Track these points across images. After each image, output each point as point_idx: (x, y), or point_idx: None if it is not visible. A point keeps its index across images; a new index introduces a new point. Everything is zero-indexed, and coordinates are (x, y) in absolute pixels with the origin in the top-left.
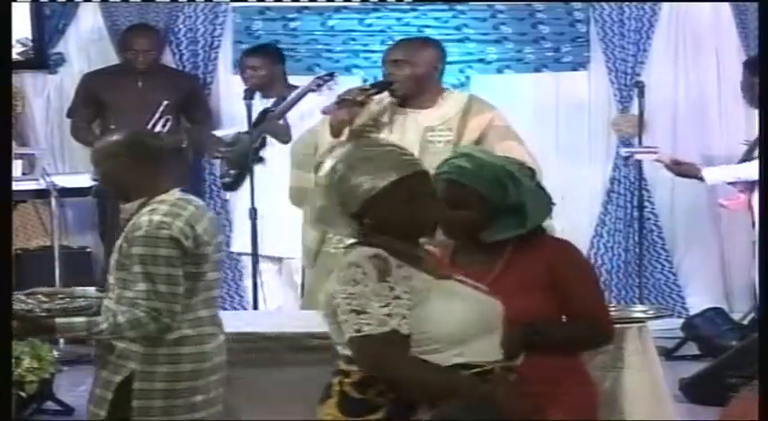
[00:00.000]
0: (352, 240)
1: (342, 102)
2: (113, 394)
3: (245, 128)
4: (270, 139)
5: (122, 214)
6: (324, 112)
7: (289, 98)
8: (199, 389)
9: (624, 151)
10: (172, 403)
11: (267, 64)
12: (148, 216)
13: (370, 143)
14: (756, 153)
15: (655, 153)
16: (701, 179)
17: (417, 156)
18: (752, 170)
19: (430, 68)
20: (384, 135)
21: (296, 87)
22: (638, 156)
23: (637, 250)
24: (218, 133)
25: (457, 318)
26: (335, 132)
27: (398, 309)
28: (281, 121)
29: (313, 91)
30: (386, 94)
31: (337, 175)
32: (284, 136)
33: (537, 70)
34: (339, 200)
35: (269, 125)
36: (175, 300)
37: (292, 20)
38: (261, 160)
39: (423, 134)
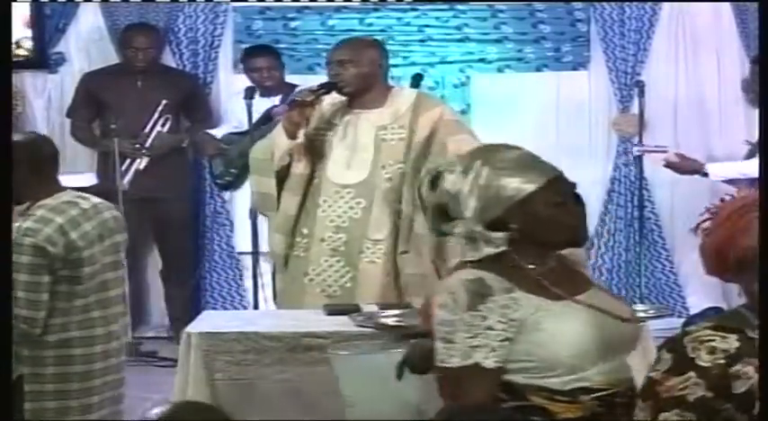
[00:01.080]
0: (486, 252)
1: (292, 103)
2: None
3: (243, 127)
4: None
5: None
6: (275, 114)
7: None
8: (94, 389)
9: (636, 150)
10: (65, 404)
11: (276, 64)
12: (21, 222)
13: (509, 147)
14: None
15: (665, 152)
16: (705, 174)
17: (372, 155)
18: (756, 167)
19: (374, 67)
20: (339, 136)
21: (295, 86)
22: (648, 155)
23: (637, 250)
24: (210, 132)
25: (569, 343)
26: (290, 134)
27: (487, 341)
28: None
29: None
30: (335, 95)
31: (481, 180)
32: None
33: (537, 70)
34: (479, 205)
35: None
36: (37, 307)
37: (292, 19)
38: None
39: (376, 133)
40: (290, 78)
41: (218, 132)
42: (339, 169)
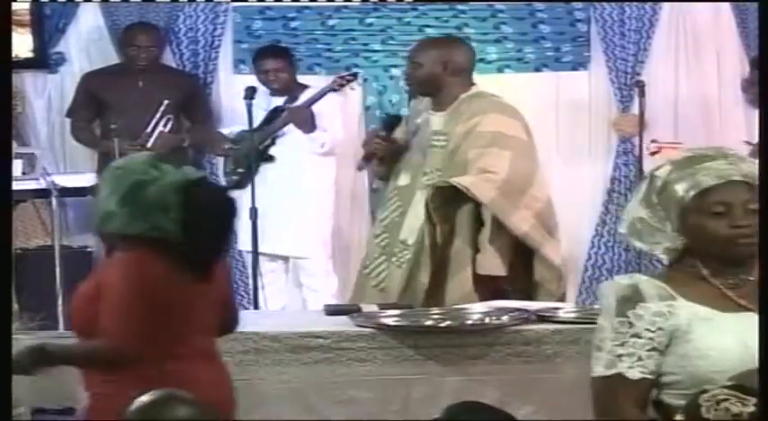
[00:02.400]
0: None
1: (368, 155)
2: None
3: (246, 127)
4: (278, 138)
5: None
6: (360, 169)
7: (311, 95)
8: None
9: (653, 146)
10: None
11: (287, 65)
12: None
13: (713, 149)
14: None
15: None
16: None
17: (421, 159)
18: None
19: (438, 68)
20: (415, 138)
21: (306, 86)
22: (664, 152)
23: (637, 250)
24: (222, 131)
25: (720, 358)
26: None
27: (633, 350)
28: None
29: (334, 91)
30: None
31: (660, 181)
32: (310, 125)
33: (537, 70)
34: (660, 211)
35: (295, 116)
36: None
37: (292, 19)
38: (271, 158)
39: (429, 137)
40: None
41: (230, 131)
42: (399, 171)
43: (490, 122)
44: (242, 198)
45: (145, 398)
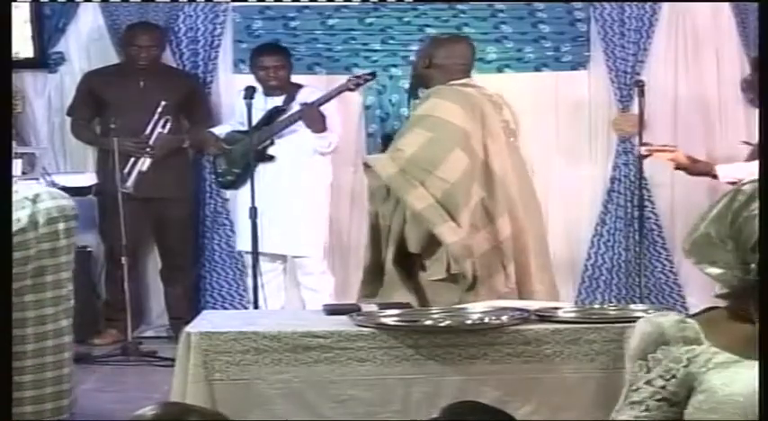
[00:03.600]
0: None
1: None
2: None
3: (238, 126)
4: (276, 138)
5: None
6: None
7: (320, 94)
8: (25, 369)
9: (644, 149)
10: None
11: (286, 64)
12: None
13: None
14: None
15: (673, 152)
16: (715, 176)
17: None
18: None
19: (420, 64)
20: None
21: (300, 86)
22: (656, 155)
23: (637, 249)
24: (213, 131)
25: (735, 409)
26: None
27: (643, 397)
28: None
29: (350, 90)
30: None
31: (738, 203)
32: (321, 125)
33: (537, 69)
34: (731, 232)
35: (307, 115)
36: None
37: (292, 19)
38: (271, 158)
39: None
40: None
41: (220, 131)
42: None
43: (424, 107)
44: (240, 198)
45: (155, 411)
